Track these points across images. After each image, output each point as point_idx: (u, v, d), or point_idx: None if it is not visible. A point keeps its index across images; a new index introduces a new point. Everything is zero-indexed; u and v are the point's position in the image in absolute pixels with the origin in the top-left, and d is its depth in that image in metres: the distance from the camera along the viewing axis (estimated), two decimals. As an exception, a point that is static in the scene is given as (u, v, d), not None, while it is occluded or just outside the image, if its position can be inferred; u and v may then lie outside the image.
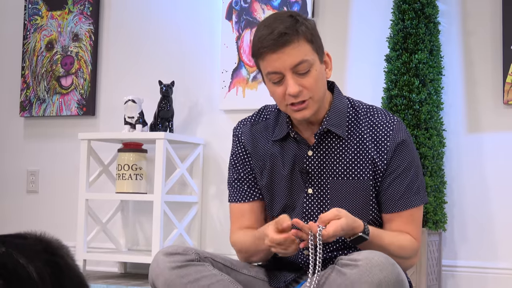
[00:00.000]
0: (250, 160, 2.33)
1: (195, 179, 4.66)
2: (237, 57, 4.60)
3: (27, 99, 5.18)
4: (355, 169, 2.21)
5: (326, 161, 2.23)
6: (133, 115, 4.52)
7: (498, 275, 3.98)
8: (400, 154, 2.20)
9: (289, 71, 2.10)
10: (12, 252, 1.84)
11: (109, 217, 4.77)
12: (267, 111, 2.36)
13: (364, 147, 2.21)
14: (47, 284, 1.87)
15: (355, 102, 2.29)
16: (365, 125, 2.23)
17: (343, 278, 1.96)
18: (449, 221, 4.05)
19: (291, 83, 2.10)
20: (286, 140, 2.28)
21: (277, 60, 2.10)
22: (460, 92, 4.13)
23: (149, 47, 4.91)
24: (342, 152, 2.22)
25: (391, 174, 2.20)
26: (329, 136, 2.23)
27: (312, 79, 2.12)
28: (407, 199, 2.21)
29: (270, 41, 2.09)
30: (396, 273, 1.97)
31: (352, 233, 2.08)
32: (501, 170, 4.03)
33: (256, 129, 2.34)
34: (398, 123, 2.23)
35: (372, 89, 4.23)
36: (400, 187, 2.20)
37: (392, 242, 2.17)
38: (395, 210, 2.22)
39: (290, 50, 2.09)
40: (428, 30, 3.94)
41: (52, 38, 5.16)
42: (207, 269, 2.14)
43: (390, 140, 2.20)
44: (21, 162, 5.25)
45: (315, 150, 2.23)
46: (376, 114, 2.25)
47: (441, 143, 3.94)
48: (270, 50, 2.09)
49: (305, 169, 2.24)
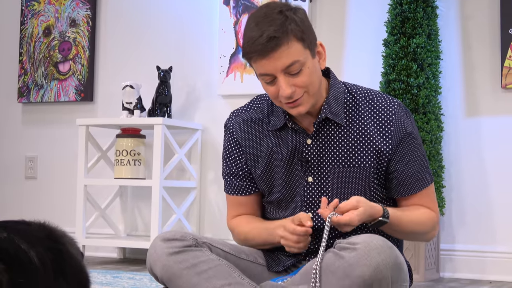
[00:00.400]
0: (242, 154, 2.31)
1: (193, 165, 4.66)
2: (235, 42, 4.59)
3: (25, 85, 5.18)
4: (356, 156, 2.20)
5: (326, 149, 2.22)
6: (131, 100, 4.52)
7: (496, 258, 3.99)
8: (407, 139, 2.21)
9: (281, 72, 2.08)
10: (14, 237, 1.85)
11: (107, 203, 4.77)
12: (261, 101, 2.34)
13: (365, 133, 2.20)
14: (48, 269, 1.88)
15: (352, 87, 2.27)
16: (365, 110, 2.22)
17: (342, 261, 1.97)
18: (447, 205, 4.06)
19: (283, 85, 2.08)
20: (283, 129, 2.26)
21: (267, 65, 2.07)
22: (458, 76, 4.13)
23: (146, 33, 4.90)
24: (342, 139, 2.22)
25: (402, 160, 2.20)
26: (328, 124, 2.22)
27: (305, 77, 2.10)
28: (420, 180, 2.23)
29: (259, 45, 2.05)
30: (394, 256, 1.98)
31: (371, 220, 2.10)
32: (499, 154, 4.03)
33: (249, 120, 2.32)
34: (399, 106, 2.23)
35: (370, 74, 4.22)
36: (412, 170, 2.22)
37: (411, 220, 2.20)
38: (411, 193, 2.24)
39: (280, 53, 2.05)
40: (426, 14, 3.93)
41: (49, 24, 5.14)
42: (205, 254, 2.14)
43: (393, 125, 2.19)
44: (19, 148, 5.25)
45: (314, 138, 2.23)
46: (375, 98, 2.24)
47: (439, 128, 3.94)
48: (259, 56, 2.06)
49: (304, 157, 2.23)
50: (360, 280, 1.93)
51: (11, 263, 1.80)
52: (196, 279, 2.09)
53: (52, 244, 1.95)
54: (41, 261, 1.86)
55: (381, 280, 1.93)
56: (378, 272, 1.93)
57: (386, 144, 2.19)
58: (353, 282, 1.93)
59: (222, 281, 2.08)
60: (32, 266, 1.83)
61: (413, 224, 2.21)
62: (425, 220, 2.24)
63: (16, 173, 5.25)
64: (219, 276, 2.09)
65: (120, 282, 3.52)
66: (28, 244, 1.86)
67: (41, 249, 1.89)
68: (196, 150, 4.67)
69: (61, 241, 2.01)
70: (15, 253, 1.82)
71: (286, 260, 2.29)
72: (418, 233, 2.24)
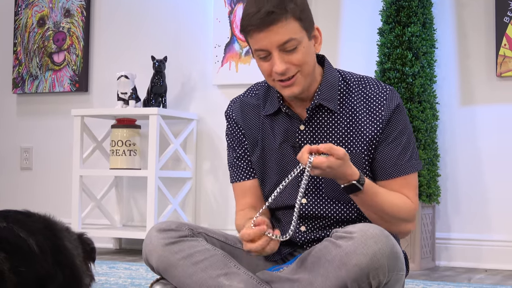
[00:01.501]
0: (243, 138, 2.33)
1: (188, 155, 4.66)
2: (230, 32, 4.58)
3: (20, 75, 5.16)
4: (348, 142, 2.20)
5: (318, 135, 2.23)
6: (126, 91, 4.51)
7: (492, 247, 4.00)
8: (394, 121, 2.20)
9: (276, 49, 2.09)
10: (13, 226, 1.87)
11: (103, 193, 4.77)
12: (257, 87, 2.36)
13: (356, 120, 2.21)
14: (48, 255, 1.89)
15: (346, 75, 2.28)
16: (358, 97, 2.23)
17: (338, 250, 1.97)
18: (442, 194, 4.06)
19: (277, 61, 2.09)
20: (277, 115, 2.27)
21: (263, 39, 2.09)
22: (453, 65, 4.13)
23: (141, 22, 4.89)
24: (334, 126, 2.22)
25: (384, 141, 2.19)
26: (321, 110, 2.23)
27: (300, 55, 2.11)
28: (401, 166, 2.21)
29: (257, 20, 2.07)
30: (391, 245, 1.98)
31: (343, 179, 2.06)
32: (494, 143, 4.04)
33: (246, 105, 2.34)
34: (391, 91, 2.22)
35: (365, 63, 4.22)
36: (393, 153, 2.20)
37: (387, 199, 2.15)
38: (389, 177, 2.21)
39: (278, 29, 2.07)
40: (421, 2, 3.92)
41: (43, 14, 5.13)
42: (201, 244, 2.14)
43: (384, 109, 2.19)
44: (14, 139, 5.24)
45: (307, 124, 2.23)
46: (368, 85, 2.24)
47: (434, 116, 3.94)
48: (257, 29, 2.08)
49: (297, 143, 2.23)
50: (357, 268, 1.93)
51: (12, 251, 1.81)
52: (192, 269, 2.09)
53: (50, 235, 1.96)
54: (40, 248, 1.88)
55: (377, 268, 1.93)
56: (375, 261, 1.93)
57: (376, 129, 2.19)
58: (350, 270, 1.93)
59: (218, 271, 2.08)
60: (31, 253, 1.85)
61: (388, 204, 2.15)
62: (401, 204, 2.19)
63: (11, 164, 5.24)
64: (215, 266, 2.09)
65: (116, 273, 3.52)
66: (27, 233, 1.88)
67: (40, 238, 1.90)
68: (192, 140, 4.67)
69: (59, 234, 2.02)
70: (15, 242, 1.84)
71: (282, 249, 2.29)
72: (393, 216, 2.16)
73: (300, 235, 2.26)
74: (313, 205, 2.23)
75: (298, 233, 2.27)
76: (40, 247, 1.88)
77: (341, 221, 2.22)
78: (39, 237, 1.91)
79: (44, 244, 1.90)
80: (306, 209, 2.23)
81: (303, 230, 2.26)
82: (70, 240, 2.10)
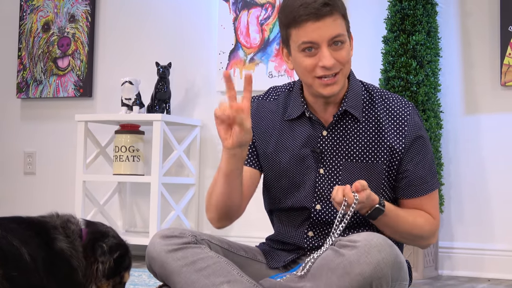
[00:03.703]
0: (253, 127, 2.31)
1: (192, 161, 4.66)
2: (234, 39, 4.58)
3: (24, 80, 5.17)
4: (369, 152, 2.21)
5: (341, 142, 2.23)
6: (130, 96, 4.52)
7: (495, 256, 4.00)
8: (420, 141, 2.22)
9: (326, 42, 2.10)
10: (7, 235, 1.88)
11: (106, 199, 4.77)
12: (276, 92, 2.36)
13: (381, 131, 2.21)
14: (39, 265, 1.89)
15: (368, 85, 2.30)
16: (381, 108, 2.24)
17: (342, 259, 1.96)
18: (446, 203, 4.06)
19: (327, 55, 2.10)
20: (299, 119, 2.27)
21: (316, 30, 2.09)
22: (457, 73, 4.13)
23: (146, 28, 4.90)
24: (358, 134, 2.22)
25: (412, 161, 2.21)
26: (346, 117, 2.23)
27: (345, 53, 2.13)
28: (427, 184, 2.24)
29: (313, 9, 2.07)
30: (395, 255, 1.97)
31: (370, 206, 2.09)
32: (498, 152, 4.03)
33: (263, 107, 2.34)
34: (413, 108, 2.25)
35: (369, 71, 4.22)
36: (421, 172, 2.22)
37: (408, 220, 2.18)
38: (416, 195, 2.24)
39: (331, 21, 2.09)
40: (426, 11, 3.92)
41: (48, 19, 5.14)
42: (204, 251, 2.14)
43: (408, 125, 2.21)
44: (18, 143, 5.24)
45: (330, 130, 2.23)
46: (390, 98, 2.26)
47: (438, 125, 3.94)
48: (312, 18, 2.08)
49: (318, 148, 2.23)
50: (360, 278, 1.93)
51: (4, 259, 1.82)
52: (195, 276, 2.09)
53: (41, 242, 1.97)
54: (32, 257, 1.88)
55: (381, 278, 1.93)
56: (378, 270, 1.93)
57: (400, 142, 2.20)
58: (353, 279, 1.93)
59: (221, 278, 2.08)
60: (23, 262, 1.86)
61: (410, 224, 2.19)
62: (423, 223, 2.23)
63: (14, 168, 5.24)
64: (218, 273, 2.09)
65: (118, 279, 3.51)
66: (19, 241, 1.89)
67: (32, 247, 1.91)
68: (195, 146, 4.67)
69: (51, 236, 2.01)
70: (8, 249, 1.85)
71: (285, 257, 2.28)
72: (415, 235, 2.22)
73: (307, 240, 2.26)
74: (326, 212, 2.23)
75: (305, 238, 2.26)
76: (32, 256, 1.89)
77: (351, 227, 2.22)
78: (32, 246, 1.92)
79: (35, 253, 1.91)
80: (320, 215, 2.23)
81: (310, 236, 2.25)
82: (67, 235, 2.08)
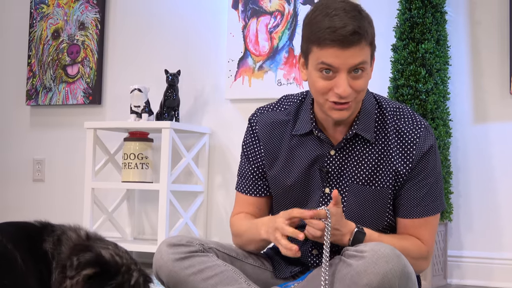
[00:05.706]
0: (261, 151, 2.28)
1: (200, 169, 4.66)
2: (243, 46, 4.59)
3: (33, 87, 5.18)
4: (376, 175, 2.17)
5: (348, 163, 2.19)
6: (139, 104, 4.52)
7: (504, 265, 3.98)
8: (424, 162, 2.16)
9: (346, 70, 2.04)
10: (2, 238, 1.90)
11: (115, 206, 4.77)
12: (288, 102, 2.30)
13: (388, 154, 2.17)
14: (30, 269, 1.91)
15: (382, 102, 2.23)
16: (392, 129, 2.18)
17: (349, 269, 1.95)
18: (455, 212, 4.04)
19: (344, 84, 2.03)
20: (307, 136, 2.22)
21: (339, 56, 2.02)
22: (466, 82, 4.12)
23: (155, 36, 4.91)
24: (366, 156, 2.18)
25: (411, 180, 2.17)
26: (355, 138, 2.19)
27: (362, 82, 2.08)
28: (424, 207, 2.19)
29: (340, 36, 2.00)
30: (402, 265, 1.96)
31: (349, 231, 2.08)
32: (507, 161, 4.02)
33: (273, 119, 2.28)
34: (426, 130, 2.18)
35: (378, 79, 4.21)
36: (418, 194, 2.17)
37: (392, 241, 2.12)
38: (410, 216, 2.19)
39: (356, 51, 2.02)
40: (435, 19, 3.92)
41: (58, 27, 5.15)
42: (211, 260, 2.13)
43: (416, 149, 2.15)
44: (27, 150, 5.25)
45: (339, 150, 2.19)
46: (403, 118, 2.19)
47: (447, 133, 3.93)
48: (337, 45, 2.00)
49: (325, 167, 2.19)
50: (368, 288, 1.92)
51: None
52: (202, 285, 2.09)
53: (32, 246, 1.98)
54: (24, 261, 1.90)
55: (388, 288, 1.92)
56: (386, 281, 1.92)
57: (405, 166, 2.16)
58: (361, 290, 1.92)
59: (228, 286, 2.08)
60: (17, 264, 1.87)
61: (395, 245, 2.07)
62: (410, 246, 2.17)
63: (23, 175, 5.25)
64: (225, 282, 2.09)
65: (126, 286, 3.51)
66: (13, 245, 1.90)
67: (23, 251, 1.92)
68: (204, 154, 4.67)
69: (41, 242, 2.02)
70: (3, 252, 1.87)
71: (293, 267, 2.27)
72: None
73: (311, 259, 2.24)
74: None
75: (310, 256, 2.24)
76: (24, 260, 1.91)
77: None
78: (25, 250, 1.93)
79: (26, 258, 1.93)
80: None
81: (315, 254, 2.23)
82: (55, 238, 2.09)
